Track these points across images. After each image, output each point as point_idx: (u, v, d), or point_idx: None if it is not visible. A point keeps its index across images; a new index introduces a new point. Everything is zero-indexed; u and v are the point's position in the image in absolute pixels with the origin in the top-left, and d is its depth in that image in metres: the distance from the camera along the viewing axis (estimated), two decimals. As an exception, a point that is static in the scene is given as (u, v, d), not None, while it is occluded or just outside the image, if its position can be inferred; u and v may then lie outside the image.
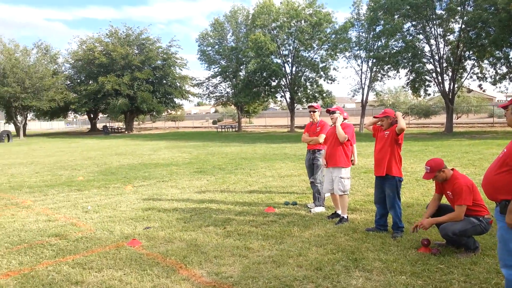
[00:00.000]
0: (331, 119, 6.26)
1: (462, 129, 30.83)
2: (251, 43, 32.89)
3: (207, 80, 40.93)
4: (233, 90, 38.77)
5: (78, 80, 45.65)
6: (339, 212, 6.32)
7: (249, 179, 10.29)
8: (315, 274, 4.18)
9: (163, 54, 43.77)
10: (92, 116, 52.10)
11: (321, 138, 6.67)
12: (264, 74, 35.09)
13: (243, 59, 35.62)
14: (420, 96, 31.32)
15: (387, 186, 5.34)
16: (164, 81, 43.78)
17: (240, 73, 38.24)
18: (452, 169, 4.60)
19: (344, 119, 6.30)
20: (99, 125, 56.35)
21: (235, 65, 37.24)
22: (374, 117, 5.54)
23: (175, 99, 46.16)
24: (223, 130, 42.27)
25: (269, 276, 4.19)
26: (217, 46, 39.59)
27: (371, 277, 4.07)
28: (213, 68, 39.95)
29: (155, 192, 8.87)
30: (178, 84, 44.59)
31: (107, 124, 58.20)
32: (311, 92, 35.76)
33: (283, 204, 7.31)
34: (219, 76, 39.64)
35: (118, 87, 39.02)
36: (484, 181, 3.25)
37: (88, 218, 6.78)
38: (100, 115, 57.58)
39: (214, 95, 41.56)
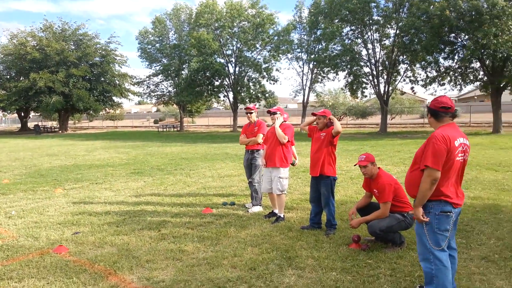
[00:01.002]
0: (272, 120, 6.30)
1: (396, 129, 32.49)
2: (193, 40, 32.50)
3: (148, 79, 39.82)
4: (175, 89, 38.03)
5: (8, 76, 42.47)
6: (276, 211, 6.39)
7: (188, 179, 10.13)
8: (248, 274, 4.18)
9: (102, 51, 41.93)
10: (23, 114, 48.75)
11: (259, 138, 6.70)
12: (207, 74, 34.82)
13: (186, 58, 35.04)
14: (357, 98, 32.60)
15: (322, 185, 5.48)
16: (102, 79, 41.95)
17: (183, 72, 37.59)
18: (379, 168, 4.81)
19: (284, 120, 6.37)
20: (31, 124, 52.87)
21: (178, 64, 36.56)
22: (313, 113, 5.66)
23: (113, 98, 44.38)
24: (164, 129, 41.40)
25: (202, 278, 4.13)
26: (158, 44, 38.66)
27: (303, 275, 4.14)
28: (155, 66, 38.98)
29: (87, 195, 8.45)
30: (117, 82, 42.94)
31: (39, 123, 54.79)
32: (254, 92, 36.01)
33: (221, 205, 7.26)
34: (160, 75, 38.71)
35: (52, 84, 36.80)
36: (405, 179, 3.45)
37: (12, 224, 6.31)
38: (32, 113, 54.05)
39: (156, 94, 40.48)
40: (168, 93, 39.99)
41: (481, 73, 25.02)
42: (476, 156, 12.91)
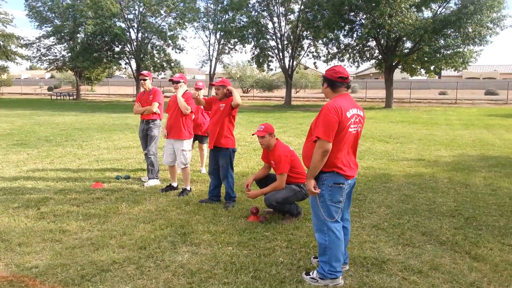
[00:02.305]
0: (174, 88, 5.84)
1: (300, 102, 33.64)
2: (89, 1, 29.65)
3: (37, 41, 35.58)
4: (70, 54, 34.60)
5: None
6: (175, 184, 6.06)
7: (80, 152, 9.25)
8: (138, 254, 3.82)
9: (-20, 6, 36.45)
10: None
11: (154, 107, 6.22)
12: (106, 38, 32.21)
13: (81, 20, 31.85)
14: (264, 71, 32.89)
15: (221, 157, 5.24)
16: (-18, 39, 36.71)
17: (79, 35, 34.29)
18: (276, 139, 4.69)
19: (200, 88, 6.00)
20: None
21: (72, 26, 33.13)
22: (211, 84, 5.33)
23: (-2, 61, 39.25)
24: (59, 97, 37.92)
25: (83, 261, 3.68)
26: (50, 3, 34.59)
27: (197, 251, 3.90)
28: (45, 27, 34.92)
29: (-48, 170, 7.25)
30: (2, 43, 37.90)
31: None
32: (158, 61, 34.29)
33: (114, 179, 6.69)
34: (52, 37, 34.80)
35: None
36: (302, 151, 3.34)
37: None
38: None
39: (47, 58, 36.44)
40: (62, 58, 36.29)
41: (377, 51, 26.72)
42: (370, 128, 13.77)
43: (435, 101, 32.92)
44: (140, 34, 33.80)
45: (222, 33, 30.68)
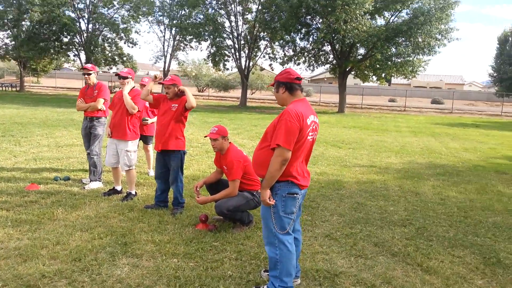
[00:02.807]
0: (121, 84, 5.44)
1: (255, 104, 33.58)
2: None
3: (-23, 26, 33.02)
4: (13, 42, 32.41)
5: None
6: (118, 188, 5.66)
7: (17, 149, 8.54)
8: (71, 267, 3.45)
9: None
10: None
11: (99, 103, 5.79)
12: (54, 28, 30.47)
13: (27, 7, 29.89)
14: (220, 70, 32.51)
15: (172, 160, 4.93)
16: None
17: (24, 23, 32.17)
18: (230, 143, 4.46)
19: (162, 83, 5.62)
20: None
21: (17, 12, 31.01)
22: (160, 83, 4.99)
23: None
24: (0, 89, 35.50)
25: (7, 276, 3.27)
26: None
27: (139, 264, 3.58)
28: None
29: None
30: None
31: None
32: (110, 54, 32.94)
33: (52, 180, 6.16)
34: (-6, 23, 32.42)
35: None
36: (253, 157, 3.12)
37: None
38: None
39: (-13, 45, 33.98)
40: (4, 46, 33.93)
41: (331, 56, 27.17)
42: (324, 133, 13.87)
43: (385, 107, 34.04)
44: (91, 25, 32.32)
45: (177, 29, 29.98)
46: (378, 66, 24.57)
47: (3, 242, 3.90)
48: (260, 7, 27.34)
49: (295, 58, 27.79)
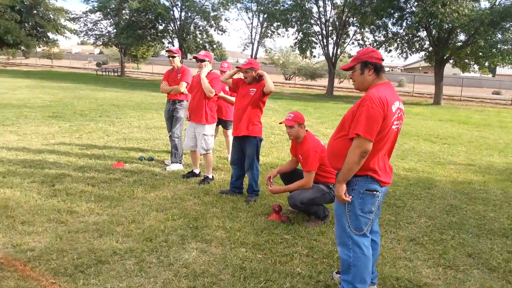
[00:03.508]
0: (198, 67, 5.42)
1: (342, 93, 32.50)
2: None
3: (84, 15, 36.17)
4: (115, 30, 34.99)
5: None
6: (197, 171, 5.70)
7: (110, 128, 9.10)
8: (142, 246, 3.48)
9: (33, -21, 37.41)
10: None
11: (182, 86, 5.84)
12: (150, 16, 32.27)
13: (127, -5, 31.96)
14: (307, 57, 31.91)
15: (248, 146, 4.80)
16: (35, 11, 37.76)
17: (124, 12, 34.49)
18: (306, 131, 4.17)
19: (224, 70, 5.57)
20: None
21: (118, 2, 33.35)
22: (237, 67, 4.84)
23: (49, 34, 40.36)
24: (104, 73, 38.67)
25: (82, 249, 3.38)
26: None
27: (207, 250, 3.50)
28: (91, 1, 35.35)
29: (-19, 138, 7.25)
30: (52, 16, 38.90)
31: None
32: (201, 41, 34.13)
33: (137, 159, 6.41)
34: (98, 12, 35.21)
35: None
36: (327, 148, 2.81)
37: None
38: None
39: (93, 33, 37.09)
40: (107, 34, 36.81)
41: (427, 43, 25.12)
42: (416, 125, 12.87)
43: (488, 100, 30.82)
44: (183, 13, 33.65)
45: (265, 16, 29.94)
46: (480, 54, 22.04)
47: (84, 216, 4.08)
48: (349, -9, 26.14)
49: (387, 44, 26.16)
